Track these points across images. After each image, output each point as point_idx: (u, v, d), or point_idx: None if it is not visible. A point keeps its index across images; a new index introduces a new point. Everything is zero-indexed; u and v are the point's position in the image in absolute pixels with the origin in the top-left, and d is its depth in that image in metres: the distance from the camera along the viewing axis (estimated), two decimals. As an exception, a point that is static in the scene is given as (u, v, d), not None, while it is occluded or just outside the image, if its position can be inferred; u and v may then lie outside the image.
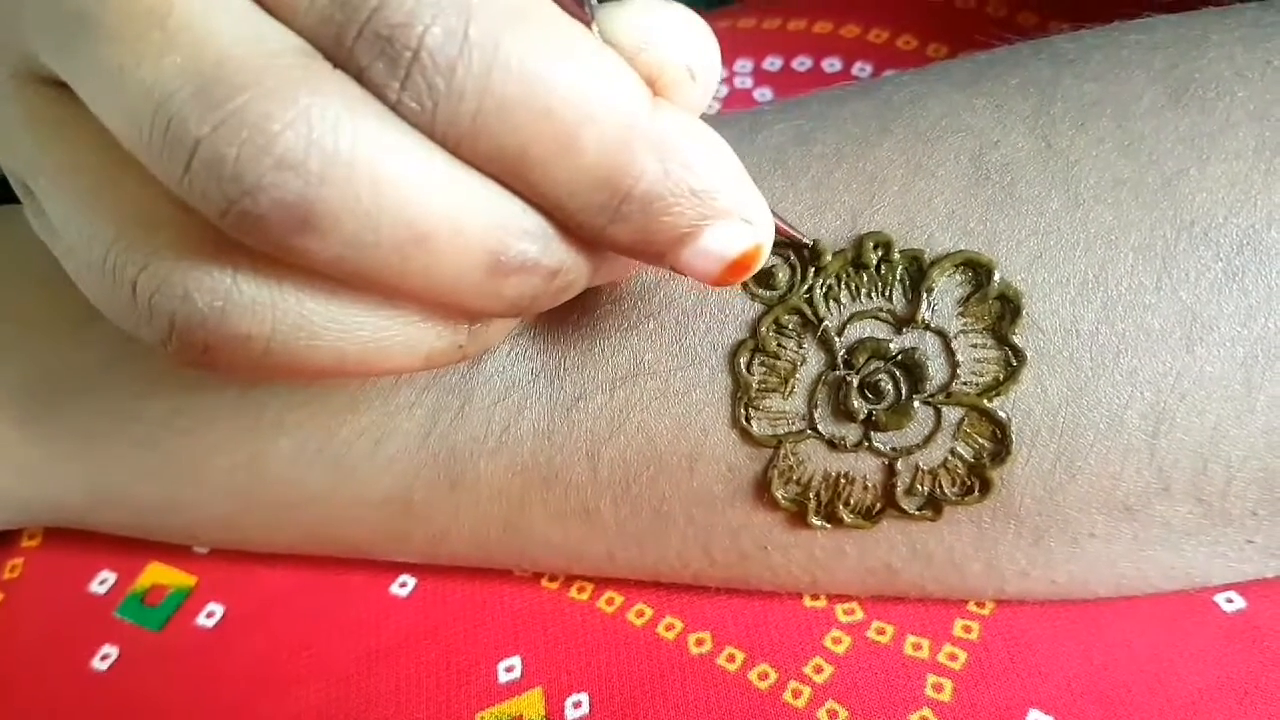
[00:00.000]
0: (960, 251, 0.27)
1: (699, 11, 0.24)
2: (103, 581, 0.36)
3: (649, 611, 0.32)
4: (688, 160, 0.22)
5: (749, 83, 0.44)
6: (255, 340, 0.23)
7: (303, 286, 0.23)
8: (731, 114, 0.36)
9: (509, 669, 0.32)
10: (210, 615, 0.35)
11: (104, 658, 0.34)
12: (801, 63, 0.44)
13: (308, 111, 0.20)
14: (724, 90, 0.44)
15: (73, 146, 0.23)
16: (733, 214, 0.23)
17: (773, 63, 0.45)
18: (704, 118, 0.24)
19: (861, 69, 0.43)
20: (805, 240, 0.28)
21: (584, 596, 0.33)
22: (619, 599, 0.33)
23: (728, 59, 0.45)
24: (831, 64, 0.44)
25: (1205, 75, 0.28)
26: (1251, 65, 0.27)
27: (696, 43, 0.23)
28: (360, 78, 0.20)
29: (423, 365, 0.25)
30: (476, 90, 0.20)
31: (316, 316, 0.23)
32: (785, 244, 0.28)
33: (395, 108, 0.20)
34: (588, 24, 0.22)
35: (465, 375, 0.30)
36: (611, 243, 0.23)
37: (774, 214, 0.25)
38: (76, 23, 0.21)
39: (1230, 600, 0.30)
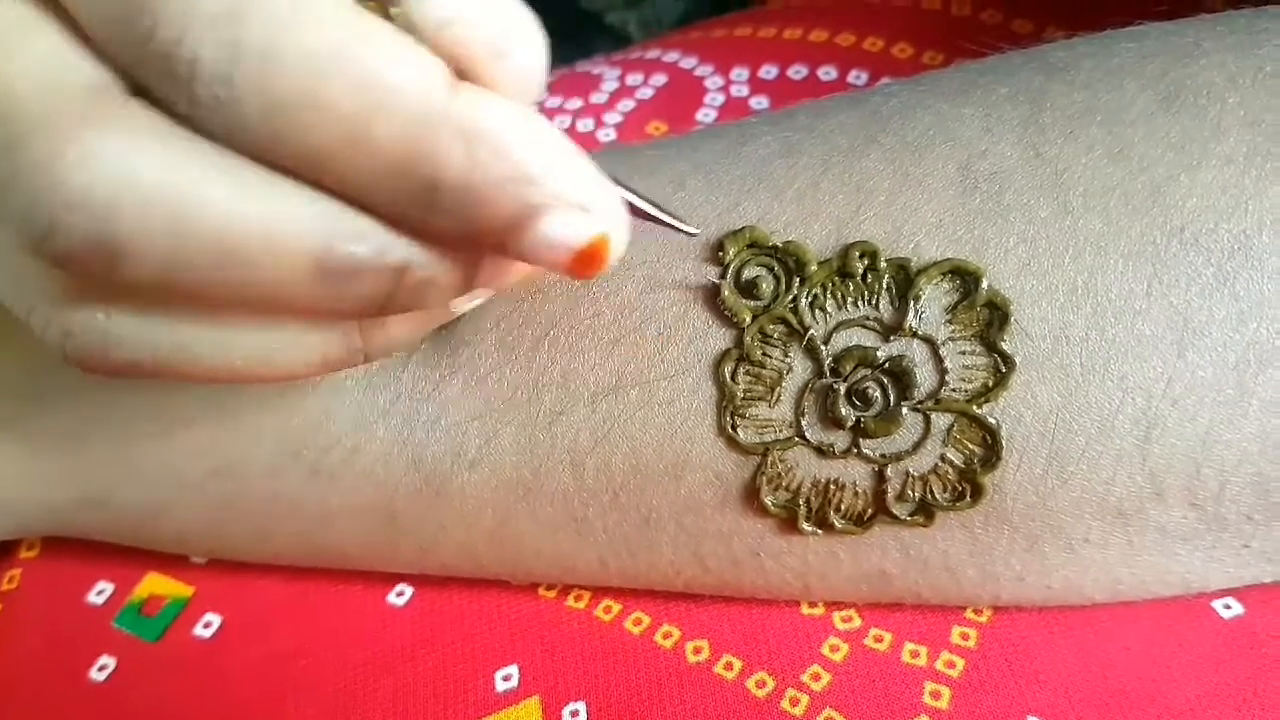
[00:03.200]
0: (947, 259, 0.27)
1: (709, 13, 0.23)
2: (100, 592, 0.36)
3: (646, 619, 0.32)
4: (498, 145, 0.21)
5: (745, 91, 0.44)
6: (143, 365, 0.24)
7: (173, 315, 0.23)
8: (721, 125, 0.36)
9: (506, 678, 0.32)
10: (207, 625, 0.35)
11: (102, 668, 0.34)
12: (797, 71, 0.44)
13: (92, 148, 0.20)
14: (720, 99, 0.44)
15: None
16: (562, 200, 0.22)
17: (769, 71, 0.45)
18: (698, 129, 0.24)
19: (857, 77, 0.43)
20: (688, 230, 0.27)
21: (581, 605, 0.33)
22: (616, 607, 0.33)
23: (723, 67, 0.45)
24: (827, 72, 0.44)
25: (1197, 82, 0.28)
26: (1243, 72, 0.28)
27: (504, 19, 0.22)
28: (155, 100, 0.21)
29: (322, 369, 0.25)
30: (255, 94, 0.20)
31: (192, 341, 0.23)
32: (674, 230, 0.27)
33: (191, 125, 0.21)
34: (385, 3, 0.21)
35: (439, 386, 0.30)
36: (440, 236, 0.23)
37: (644, 199, 0.25)
38: None
39: (1228, 606, 0.30)
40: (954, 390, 0.27)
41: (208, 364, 0.24)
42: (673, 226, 0.27)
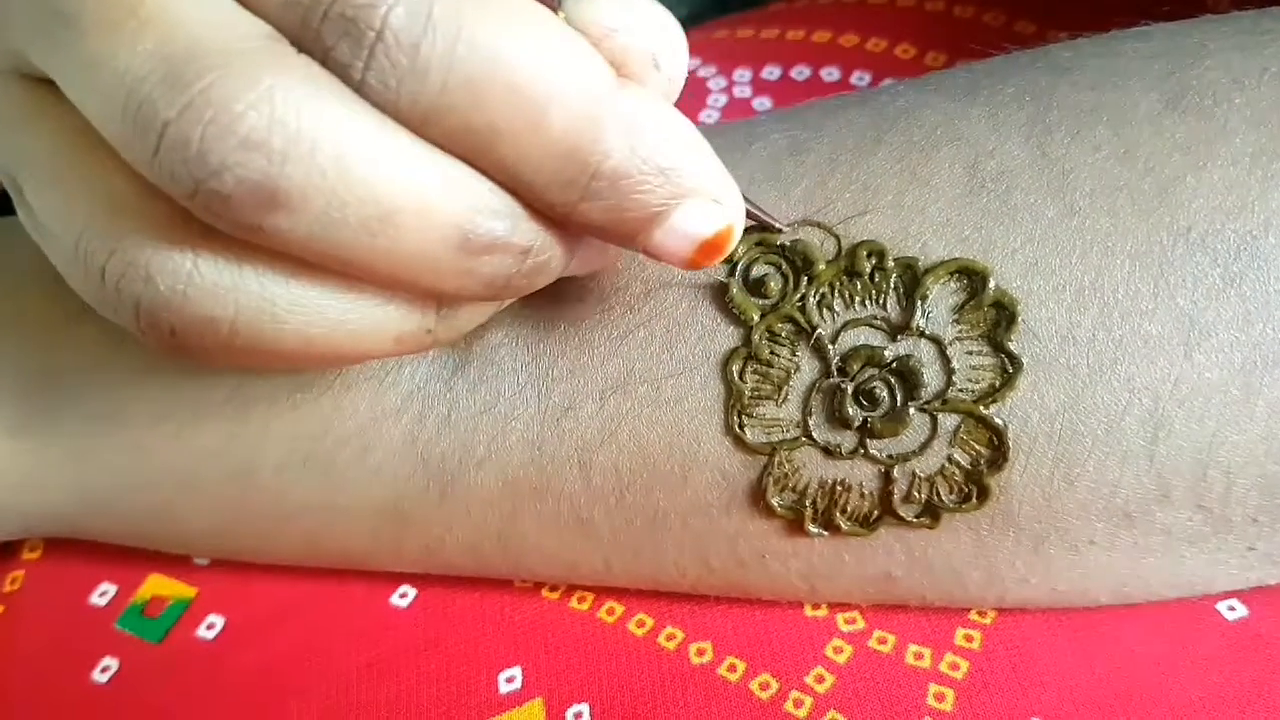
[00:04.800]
0: (955, 259, 0.27)
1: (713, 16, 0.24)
2: (103, 593, 0.36)
3: (650, 621, 0.32)
4: (655, 139, 0.23)
5: (748, 92, 0.44)
6: (219, 323, 0.23)
7: (264, 270, 0.23)
8: (728, 124, 0.36)
9: (510, 679, 0.32)
10: (210, 627, 0.35)
11: (104, 670, 0.34)
12: (800, 72, 0.44)
13: (271, 92, 0.20)
14: (723, 100, 0.44)
15: (53, 138, 0.24)
16: (702, 192, 0.24)
17: (771, 72, 0.45)
18: (701, 128, 0.25)
19: (860, 78, 0.43)
20: (778, 225, 0.28)
21: (585, 607, 0.33)
22: (620, 609, 0.33)
23: (726, 68, 0.45)
24: (830, 73, 0.44)
25: (1202, 82, 0.28)
26: (1248, 72, 0.28)
27: (662, 33, 0.23)
28: (325, 60, 0.21)
29: (393, 349, 0.26)
30: (441, 68, 0.21)
31: (279, 299, 0.24)
32: (757, 228, 0.28)
33: (360, 89, 0.21)
34: (554, 9, 0.22)
35: (449, 383, 0.30)
36: (584, 222, 0.24)
37: (745, 198, 0.26)
38: (58, 19, 0.22)
39: (1232, 608, 0.30)
40: (961, 391, 0.27)
41: (289, 332, 0.24)
42: (765, 222, 0.28)
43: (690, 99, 0.44)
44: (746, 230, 0.26)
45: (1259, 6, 0.30)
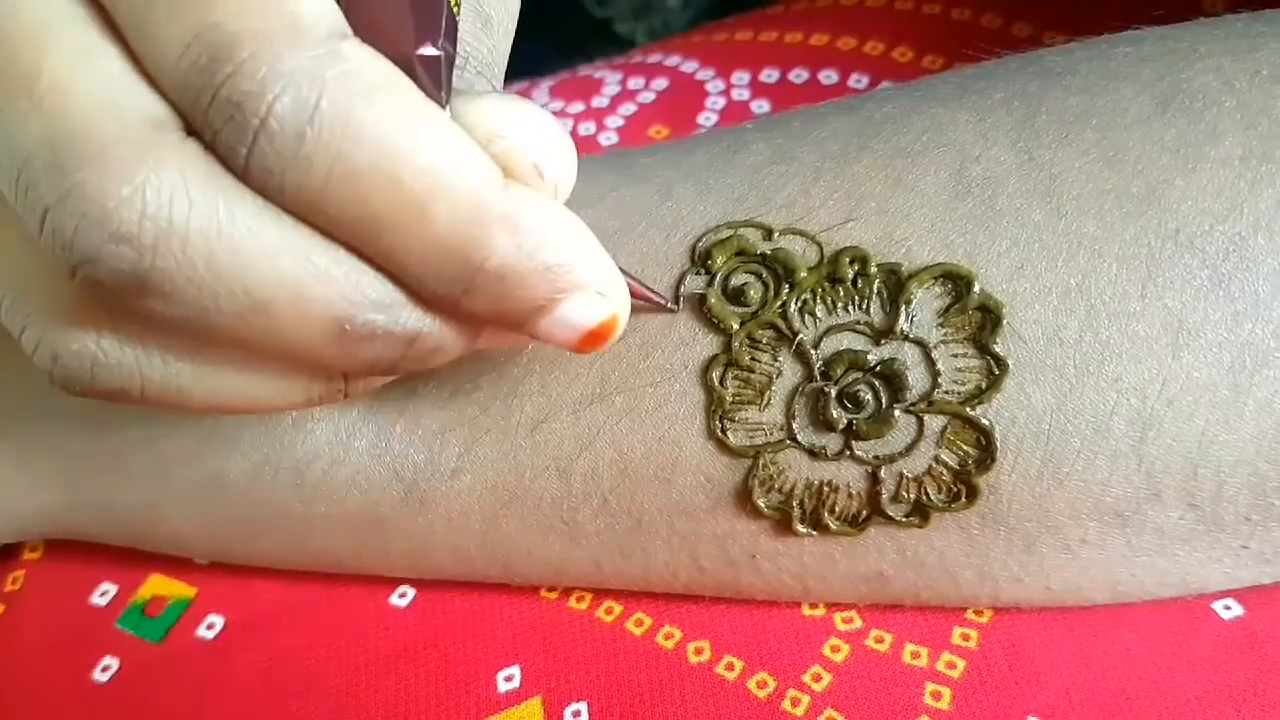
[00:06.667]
0: (939, 264, 0.27)
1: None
2: (104, 593, 0.36)
3: (648, 620, 0.32)
4: (541, 238, 0.23)
5: (746, 95, 0.44)
6: (129, 392, 0.24)
7: (167, 347, 0.24)
8: (716, 131, 0.37)
9: (508, 678, 0.32)
10: (210, 626, 0.35)
11: (105, 669, 0.34)
12: (798, 74, 0.44)
13: (144, 186, 0.21)
14: (721, 102, 0.44)
15: None
16: (587, 288, 0.24)
17: (770, 75, 0.45)
18: (695, 135, 0.25)
19: (858, 81, 0.43)
20: (669, 306, 0.29)
21: (583, 606, 0.33)
22: (618, 608, 0.33)
23: (724, 71, 0.45)
24: (828, 76, 0.44)
25: (1193, 86, 0.28)
26: (1239, 75, 0.28)
27: (547, 143, 0.23)
28: (214, 142, 0.21)
29: (305, 407, 0.26)
30: (325, 159, 0.21)
31: (183, 374, 0.24)
32: (649, 308, 0.29)
33: (244, 175, 0.21)
34: (440, 106, 0.22)
35: (409, 399, 0.31)
36: (468, 314, 0.24)
37: (636, 281, 0.26)
38: None
39: (1228, 607, 0.30)
40: (947, 393, 0.27)
41: (195, 397, 0.24)
42: (657, 305, 0.29)
43: (688, 102, 0.44)
44: (635, 311, 0.26)
45: (1252, 9, 0.30)
